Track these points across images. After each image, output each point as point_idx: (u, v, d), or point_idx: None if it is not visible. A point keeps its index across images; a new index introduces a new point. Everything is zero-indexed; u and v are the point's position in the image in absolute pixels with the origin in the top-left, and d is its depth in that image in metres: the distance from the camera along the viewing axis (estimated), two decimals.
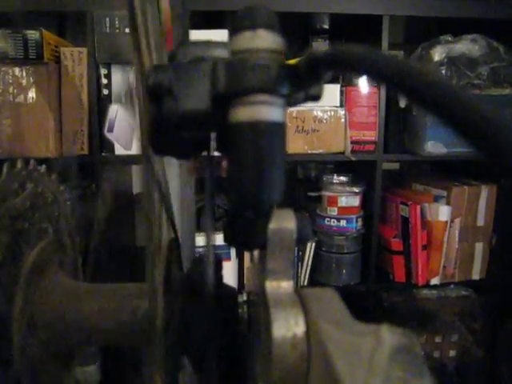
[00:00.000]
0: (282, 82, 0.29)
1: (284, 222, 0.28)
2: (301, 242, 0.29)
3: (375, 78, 0.23)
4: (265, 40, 0.29)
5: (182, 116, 0.30)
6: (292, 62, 0.29)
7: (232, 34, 0.30)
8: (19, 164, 0.46)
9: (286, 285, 0.28)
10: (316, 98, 0.32)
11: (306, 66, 0.28)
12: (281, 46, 0.30)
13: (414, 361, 0.20)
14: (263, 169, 0.29)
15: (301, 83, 0.29)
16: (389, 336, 0.21)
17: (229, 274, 1.48)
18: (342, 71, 1.11)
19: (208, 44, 0.33)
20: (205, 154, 0.37)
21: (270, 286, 0.28)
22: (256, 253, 0.33)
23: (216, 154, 0.37)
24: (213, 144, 0.35)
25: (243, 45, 0.29)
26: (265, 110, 0.28)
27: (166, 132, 0.32)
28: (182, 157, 0.42)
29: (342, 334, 0.22)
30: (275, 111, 0.29)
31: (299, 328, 0.25)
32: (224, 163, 0.33)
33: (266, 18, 0.29)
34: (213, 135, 0.35)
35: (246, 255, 1.44)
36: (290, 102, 0.31)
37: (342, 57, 0.25)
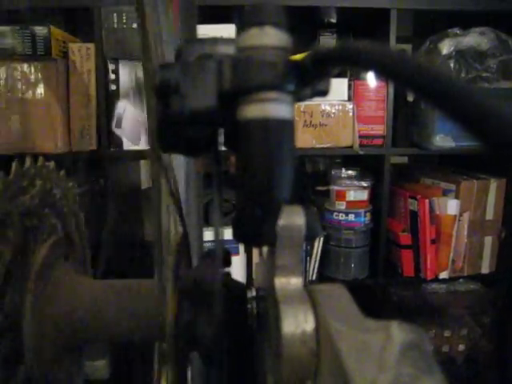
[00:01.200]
0: (289, 79, 0.28)
1: (293, 218, 0.28)
2: (310, 238, 0.28)
3: (381, 74, 0.23)
4: (272, 37, 0.29)
5: (189, 114, 0.30)
6: (297, 57, 0.29)
7: (239, 30, 0.30)
8: (28, 161, 0.47)
9: (296, 281, 0.28)
10: (323, 93, 0.32)
11: (312, 62, 0.28)
12: (288, 43, 0.30)
13: (423, 357, 0.20)
14: (272, 166, 0.29)
15: (307, 80, 0.29)
16: (398, 333, 0.21)
17: (237, 269, 1.48)
18: (349, 67, 1.10)
19: (214, 41, 0.33)
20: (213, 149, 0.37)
21: (279, 282, 0.28)
22: (265, 249, 0.33)
23: (224, 149, 0.37)
24: (220, 139, 0.35)
25: (250, 42, 0.29)
26: (273, 107, 0.28)
27: (173, 129, 0.32)
28: (190, 153, 0.42)
29: (351, 331, 0.22)
30: (283, 108, 0.29)
31: (308, 324, 0.25)
32: (232, 158, 0.33)
33: (274, 15, 0.29)
34: (220, 130, 0.35)
35: (255, 250, 1.44)
36: (297, 97, 0.31)
37: (348, 53, 0.25)
